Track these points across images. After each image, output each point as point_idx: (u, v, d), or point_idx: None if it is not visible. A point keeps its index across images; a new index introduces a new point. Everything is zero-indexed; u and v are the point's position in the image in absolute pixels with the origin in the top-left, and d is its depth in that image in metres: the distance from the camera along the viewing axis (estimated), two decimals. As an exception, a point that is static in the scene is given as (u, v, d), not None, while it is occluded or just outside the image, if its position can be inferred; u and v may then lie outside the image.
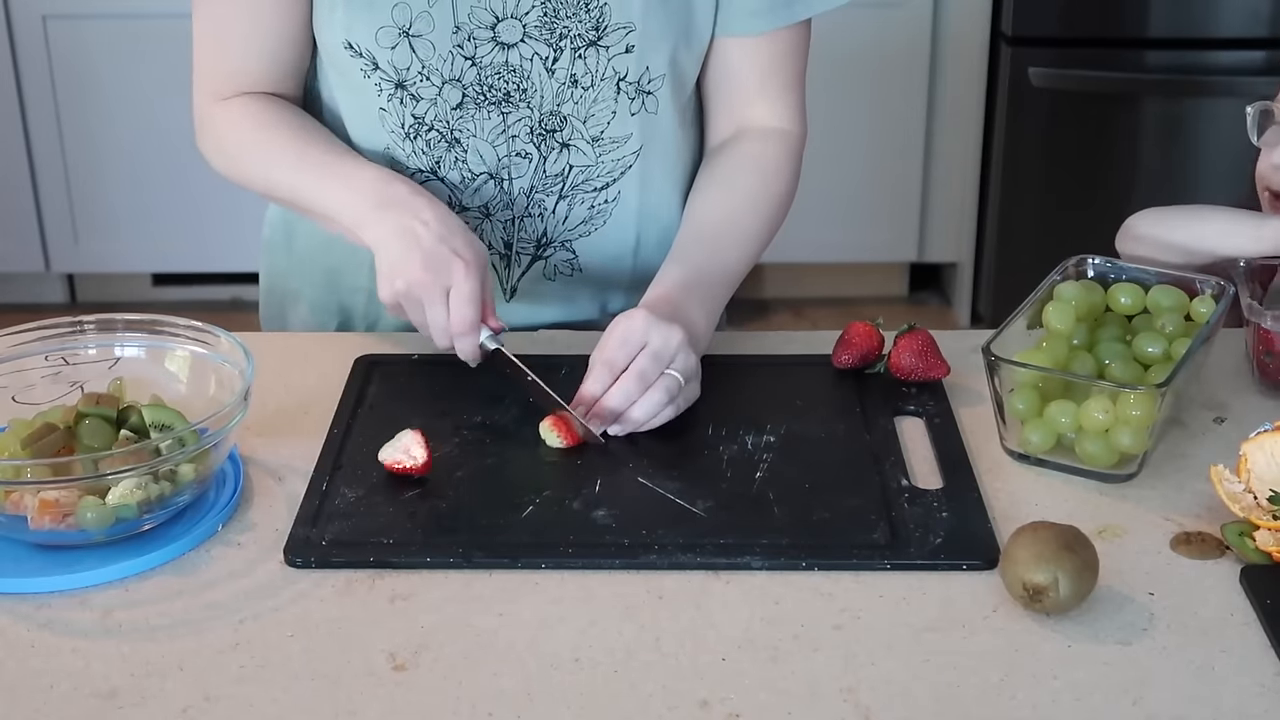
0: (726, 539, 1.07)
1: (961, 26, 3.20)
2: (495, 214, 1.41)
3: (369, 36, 1.31)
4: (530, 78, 1.33)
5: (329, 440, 1.21)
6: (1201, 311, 1.26)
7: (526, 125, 1.36)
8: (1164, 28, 3.01)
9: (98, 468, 1.05)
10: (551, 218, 1.41)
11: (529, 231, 1.42)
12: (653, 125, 1.39)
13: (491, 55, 1.32)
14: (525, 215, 1.41)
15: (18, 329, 1.19)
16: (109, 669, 0.96)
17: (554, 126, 1.36)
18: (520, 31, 1.32)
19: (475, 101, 1.34)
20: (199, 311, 1.28)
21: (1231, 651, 0.97)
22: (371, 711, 0.92)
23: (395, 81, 1.33)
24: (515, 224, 1.41)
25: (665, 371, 1.21)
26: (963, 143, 3.29)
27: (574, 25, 1.31)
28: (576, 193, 1.40)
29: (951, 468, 1.16)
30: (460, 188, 1.39)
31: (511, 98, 1.34)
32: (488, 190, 1.39)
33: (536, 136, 1.36)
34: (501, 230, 1.41)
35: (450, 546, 1.07)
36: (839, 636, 0.98)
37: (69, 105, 3.23)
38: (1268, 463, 1.08)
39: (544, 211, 1.41)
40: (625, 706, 0.92)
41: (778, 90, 1.42)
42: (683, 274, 1.31)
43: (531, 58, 1.33)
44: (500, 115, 1.35)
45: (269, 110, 1.36)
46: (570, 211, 1.41)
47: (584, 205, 1.41)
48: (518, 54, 1.32)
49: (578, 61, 1.33)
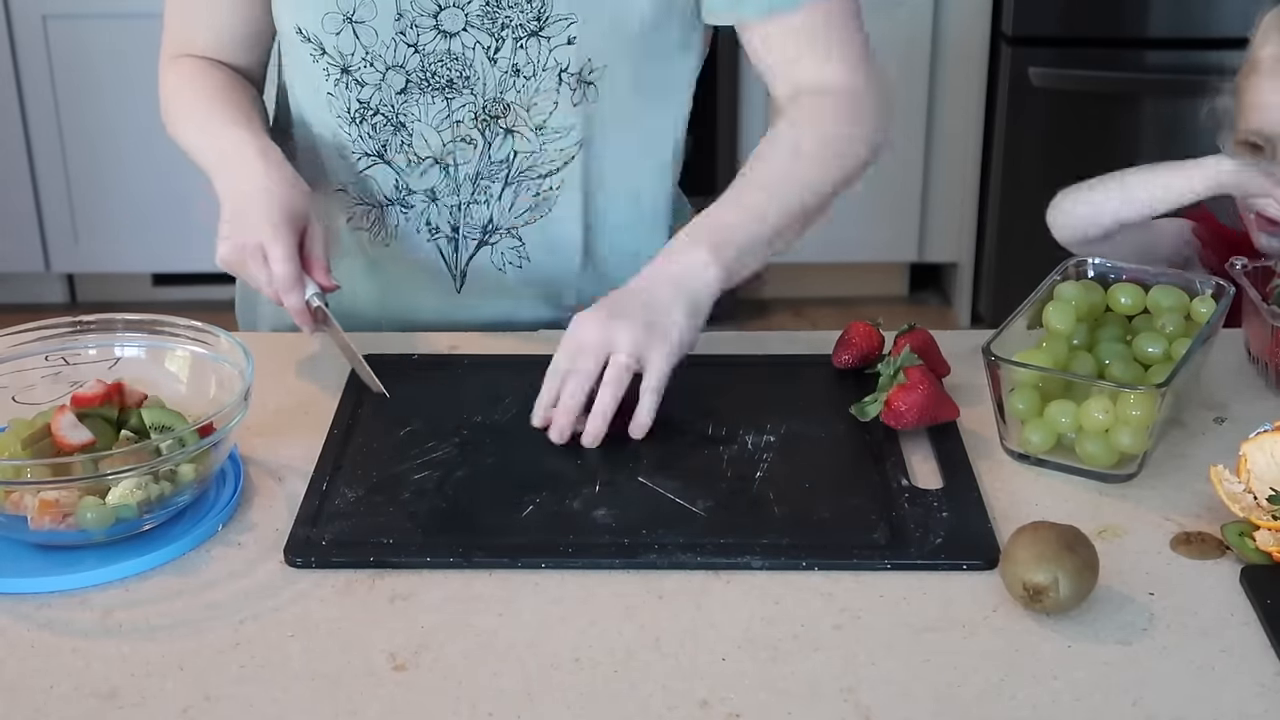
0: (726, 539, 1.07)
1: (961, 26, 3.20)
2: (441, 198, 1.42)
3: (315, 21, 1.34)
4: (473, 65, 1.35)
5: (329, 440, 1.21)
6: (1201, 311, 1.26)
7: (470, 111, 1.37)
8: (1164, 28, 3.01)
9: (98, 468, 1.05)
10: (497, 204, 1.42)
11: (475, 217, 1.43)
12: (596, 117, 1.38)
13: (434, 43, 1.34)
14: (471, 201, 1.42)
15: (18, 329, 1.19)
16: (109, 669, 0.96)
17: (497, 113, 1.37)
18: (462, 20, 1.33)
19: (419, 87, 1.36)
20: (199, 311, 1.28)
21: (1231, 651, 0.97)
22: (371, 711, 0.92)
23: (341, 66, 1.36)
24: (461, 209, 1.42)
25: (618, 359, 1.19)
26: (963, 143, 3.29)
27: (515, 15, 1.32)
28: (522, 179, 1.41)
29: (951, 468, 1.16)
30: (407, 171, 1.40)
31: (455, 84, 1.35)
32: (433, 175, 1.40)
33: (480, 122, 1.37)
34: (448, 214, 1.42)
35: (450, 546, 1.07)
36: (839, 636, 0.98)
37: (69, 105, 3.23)
38: (1268, 463, 1.08)
39: (489, 198, 1.42)
40: (625, 706, 0.92)
41: (817, 51, 1.37)
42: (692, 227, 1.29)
43: (474, 46, 1.34)
44: (444, 100, 1.36)
45: (200, 73, 1.42)
46: (516, 199, 1.42)
47: (529, 193, 1.41)
48: (460, 42, 1.34)
49: (519, 51, 1.34)
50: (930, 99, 3.27)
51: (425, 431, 1.21)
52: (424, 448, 1.19)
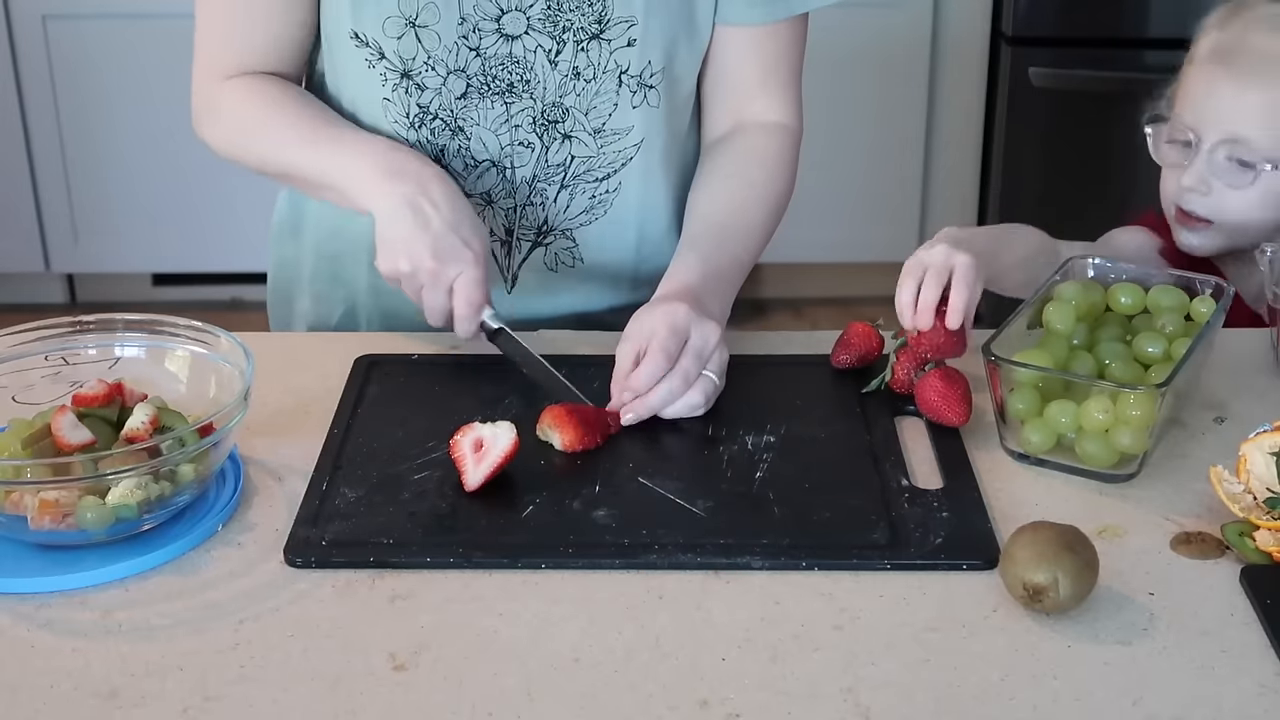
0: (726, 539, 1.07)
1: (961, 26, 3.20)
2: (497, 201, 1.41)
3: (375, 26, 1.33)
4: (533, 69, 1.34)
5: (329, 440, 1.21)
6: (1201, 311, 1.26)
7: (529, 115, 1.37)
8: (1164, 28, 3.01)
9: (98, 468, 1.05)
10: (553, 206, 1.42)
11: (530, 219, 1.42)
12: (654, 118, 1.40)
13: (496, 46, 1.33)
14: (527, 204, 1.41)
15: (18, 329, 1.19)
16: (109, 669, 0.96)
17: (556, 117, 1.37)
18: (524, 24, 1.33)
19: (479, 91, 1.35)
20: (199, 311, 1.28)
21: (1231, 651, 0.97)
22: (371, 711, 0.92)
23: (401, 71, 1.35)
24: (517, 212, 1.42)
25: (704, 373, 1.23)
26: (963, 143, 3.29)
27: (576, 18, 1.32)
28: (578, 183, 1.41)
29: (951, 468, 1.16)
30: (463, 175, 1.39)
31: (515, 88, 1.35)
32: (490, 178, 1.40)
33: (539, 127, 1.37)
34: (503, 217, 1.42)
35: (450, 546, 1.07)
36: (839, 636, 0.98)
37: (69, 105, 3.23)
38: (1267, 463, 1.08)
39: (545, 200, 1.41)
40: (625, 706, 0.92)
41: (777, 86, 1.43)
42: (700, 266, 1.32)
43: (535, 50, 1.34)
44: (504, 105, 1.36)
45: (274, 88, 1.38)
46: (572, 201, 1.42)
47: (585, 195, 1.42)
48: (521, 46, 1.33)
49: (580, 54, 1.34)
50: (930, 99, 3.27)
51: (425, 431, 1.21)
52: (424, 448, 1.19)
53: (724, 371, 1.25)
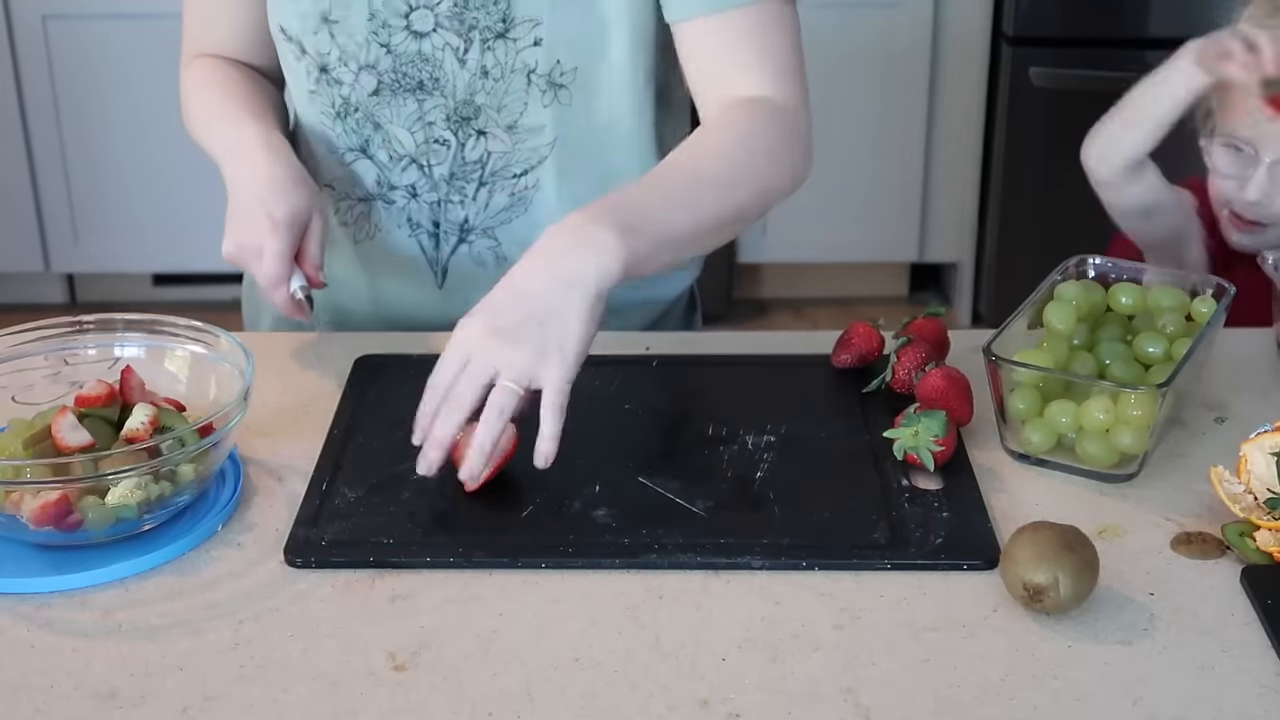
0: (726, 539, 1.07)
1: (961, 26, 3.21)
2: (421, 195, 1.42)
3: (294, 21, 1.36)
4: (443, 67, 1.35)
5: (329, 440, 1.21)
6: (1202, 311, 1.26)
7: (442, 112, 1.37)
8: (1164, 28, 3.00)
9: (98, 468, 1.05)
10: (473, 204, 1.42)
11: (453, 216, 1.43)
12: (567, 117, 1.38)
13: (405, 44, 1.34)
14: (447, 200, 1.42)
15: (18, 329, 1.19)
16: (109, 669, 0.96)
17: (469, 115, 1.37)
18: (432, 21, 1.33)
19: (391, 88, 1.37)
20: (199, 311, 1.28)
21: (1231, 651, 0.97)
22: (371, 711, 0.92)
23: (320, 66, 1.38)
24: (440, 206, 1.43)
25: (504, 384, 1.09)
26: (963, 143, 3.29)
27: (482, 17, 1.33)
28: (496, 179, 1.41)
29: (951, 468, 1.16)
30: (389, 166, 1.41)
31: (425, 85, 1.36)
32: (412, 173, 1.41)
33: (453, 124, 1.38)
34: (429, 211, 1.43)
35: (450, 546, 1.07)
36: (839, 636, 0.98)
37: (69, 105, 3.23)
38: (1267, 463, 1.08)
39: (464, 198, 1.42)
40: (625, 706, 0.92)
41: (752, 60, 1.31)
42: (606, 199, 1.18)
43: (444, 47, 1.34)
44: (416, 102, 1.37)
45: (217, 70, 1.44)
46: (491, 199, 1.42)
47: (504, 193, 1.41)
48: (430, 43, 1.34)
49: (487, 53, 1.34)
50: (930, 99, 3.27)
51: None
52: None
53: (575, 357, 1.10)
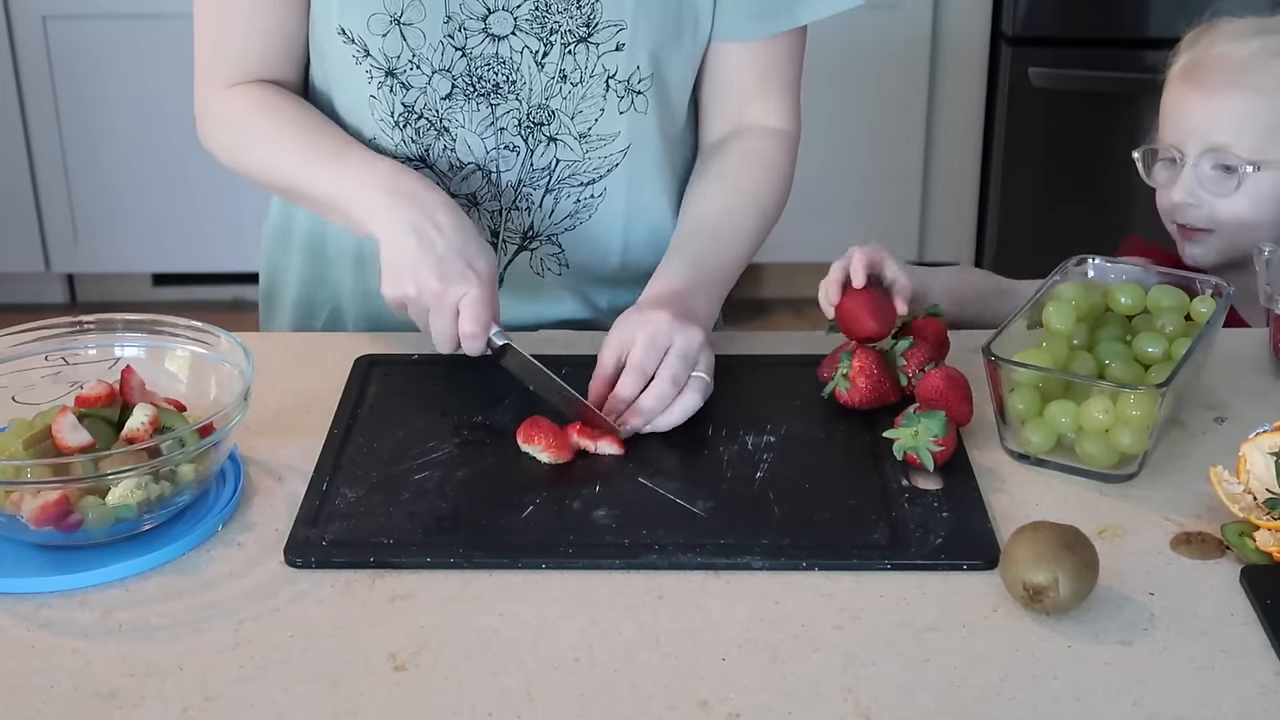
0: (726, 539, 1.07)
1: (961, 26, 3.20)
2: (483, 204, 1.41)
3: (361, 23, 1.32)
4: (520, 71, 1.34)
5: (329, 440, 1.21)
6: (1201, 311, 1.26)
7: (515, 118, 1.36)
8: (1164, 28, 3.00)
9: (98, 468, 1.05)
10: (538, 211, 1.41)
11: (515, 223, 1.42)
12: (641, 125, 1.39)
13: (482, 46, 1.33)
14: (512, 208, 1.41)
15: (18, 329, 1.19)
16: (109, 669, 0.96)
17: (542, 120, 1.36)
18: (511, 24, 1.32)
19: (464, 92, 1.35)
20: (199, 311, 1.28)
21: (1231, 651, 0.97)
22: (371, 711, 0.92)
23: (385, 69, 1.34)
24: (502, 214, 1.42)
25: (694, 374, 1.22)
26: (963, 143, 3.29)
27: (565, 20, 1.32)
28: (563, 187, 1.40)
29: (951, 468, 1.16)
30: (449, 176, 1.39)
31: (500, 89, 1.35)
32: (475, 180, 1.40)
33: (524, 129, 1.37)
34: (489, 219, 1.42)
35: (450, 546, 1.07)
36: (839, 636, 0.98)
37: (69, 105, 3.23)
38: (1267, 463, 1.08)
39: (530, 205, 1.41)
40: (625, 706, 0.92)
41: (776, 91, 1.43)
42: (687, 269, 1.32)
43: (522, 51, 1.33)
44: (489, 107, 1.36)
45: (274, 98, 1.36)
46: (556, 205, 1.41)
47: (570, 200, 1.41)
48: (508, 46, 1.33)
49: (567, 57, 1.33)
50: (930, 99, 3.27)
51: (425, 431, 1.21)
52: (424, 448, 1.19)
53: (711, 372, 1.24)
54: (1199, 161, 1.47)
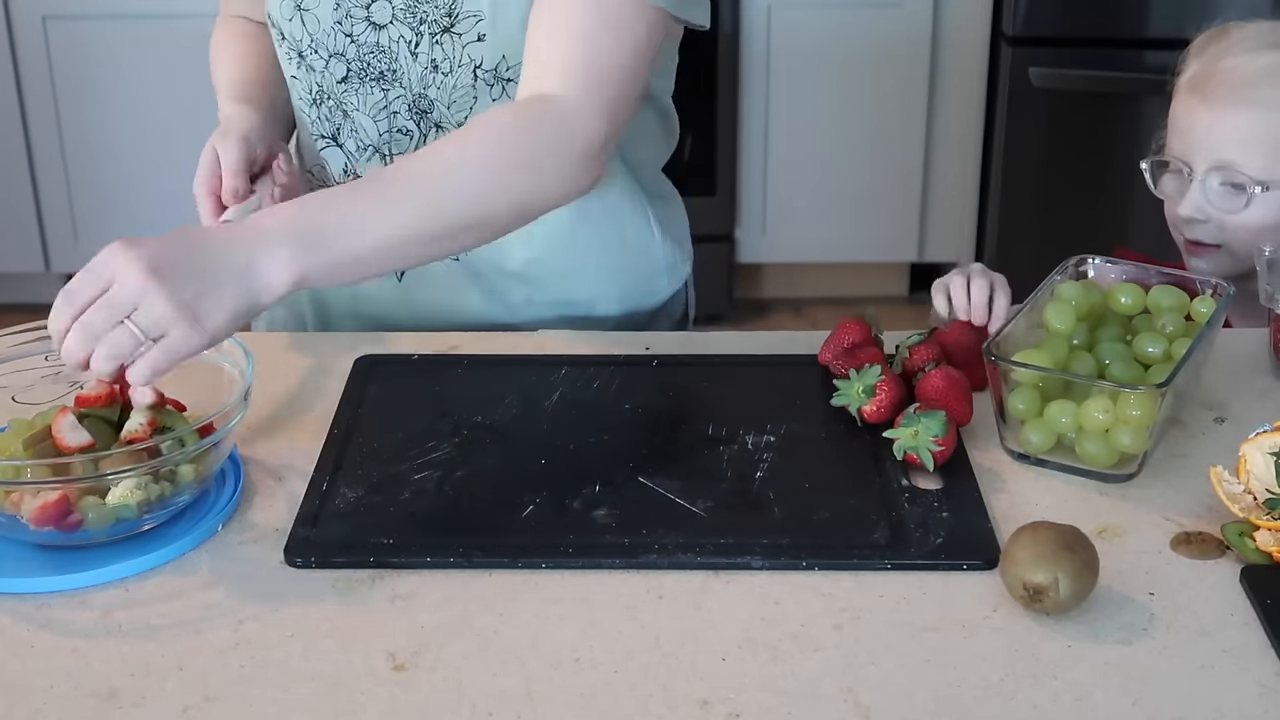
0: (726, 539, 1.07)
1: (961, 26, 3.21)
2: None
3: (276, 7, 1.39)
4: (399, 60, 1.36)
5: (329, 440, 1.21)
6: (1201, 311, 1.26)
7: (404, 102, 1.38)
8: (1164, 28, 3.01)
9: (98, 468, 1.05)
10: None
11: None
12: None
13: (366, 35, 1.36)
14: None
15: (18, 329, 1.19)
16: (109, 669, 0.96)
17: (425, 108, 1.38)
18: (389, 13, 1.35)
19: (358, 76, 1.38)
20: (199, 311, 1.28)
21: (1231, 651, 0.97)
22: (371, 711, 0.92)
23: (298, 51, 1.40)
24: None
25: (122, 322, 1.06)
26: (963, 143, 3.29)
27: (430, 11, 1.33)
28: None
29: (951, 468, 1.16)
30: (355, 155, 1.42)
31: (386, 77, 1.37)
32: (375, 164, 1.41)
33: (414, 114, 1.38)
34: None
35: (450, 546, 1.07)
36: (839, 636, 0.98)
37: (69, 105, 3.23)
38: (1266, 463, 1.08)
39: None
40: (625, 706, 0.92)
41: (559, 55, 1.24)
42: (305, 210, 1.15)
43: (398, 40, 1.35)
44: (381, 91, 1.38)
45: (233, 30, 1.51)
46: None
47: None
48: (387, 35, 1.36)
49: (435, 47, 1.35)
50: (930, 99, 3.27)
51: (425, 431, 1.21)
52: (424, 448, 1.19)
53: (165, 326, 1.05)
54: (1206, 177, 1.44)
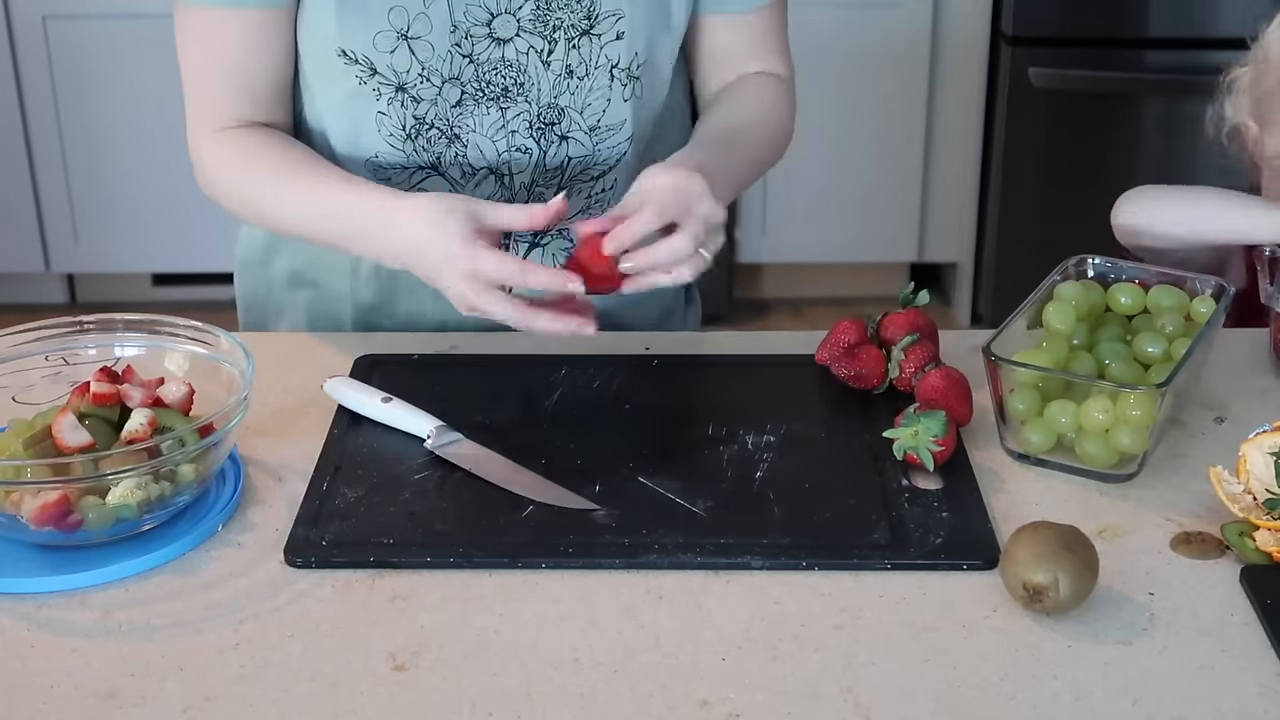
0: (726, 539, 1.07)
1: (961, 26, 3.20)
2: None
3: (365, 42, 1.31)
4: (527, 71, 1.35)
5: (329, 440, 1.21)
6: (1201, 311, 1.26)
7: (525, 120, 1.37)
8: (1164, 28, 3.01)
9: (98, 468, 1.05)
10: None
11: None
12: (642, 110, 1.41)
13: (488, 51, 1.33)
14: None
15: (18, 329, 1.19)
16: (109, 669, 0.96)
17: (552, 119, 1.37)
18: (515, 26, 1.33)
19: (474, 98, 1.35)
20: (199, 311, 1.28)
21: (1231, 651, 0.97)
22: (371, 711, 0.92)
23: (395, 85, 1.33)
24: None
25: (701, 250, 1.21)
26: (963, 143, 3.29)
27: (566, 16, 1.33)
28: (574, 184, 1.41)
29: (951, 468, 1.16)
30: (460, 183, 1.39)
31: (510, 92, 1.35)
32: (488, 185, 1.39)
33: (535, 130, 1.37)
34: None
35: (450, 546, 1.07)
36: (839, 636, 0.98)
37: (69, 105, 3.23)
38: (1266, 463, 1.08)
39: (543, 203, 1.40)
40: (625, 706, 0.92)
41: (768, 52, 1.47)
42: (707, 156, 1.30)
43: (527, 51, 1.34)
44: (499, 110, 1.36)
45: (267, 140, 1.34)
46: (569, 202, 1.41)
47: (581, 195, 1.42)
48: (514, 48, 1.34)
49: (572, 52, 1.35)
50: (930, 99, 3.27)
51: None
52: (424, 447, 1.19)
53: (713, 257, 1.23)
54: None
